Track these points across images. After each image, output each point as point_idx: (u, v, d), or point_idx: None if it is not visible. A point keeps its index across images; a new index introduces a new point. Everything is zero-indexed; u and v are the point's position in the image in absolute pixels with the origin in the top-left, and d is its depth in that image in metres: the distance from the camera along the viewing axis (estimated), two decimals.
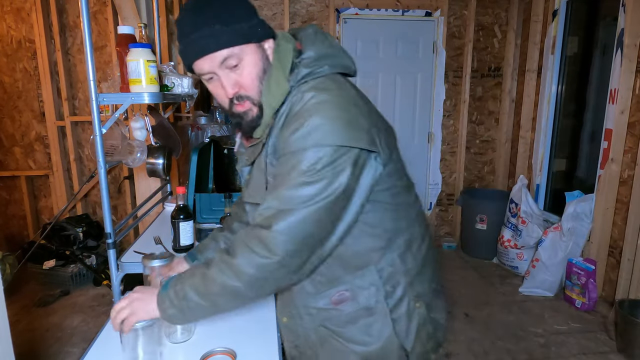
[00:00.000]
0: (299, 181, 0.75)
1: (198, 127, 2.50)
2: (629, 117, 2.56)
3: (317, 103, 0.77)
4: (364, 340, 0.91)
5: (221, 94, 0.84)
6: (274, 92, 0.82)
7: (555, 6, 3.20)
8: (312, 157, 0.74)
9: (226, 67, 0.80)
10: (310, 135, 0.75)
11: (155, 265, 1.10)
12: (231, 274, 0.78)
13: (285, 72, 0.83)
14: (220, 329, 1.12)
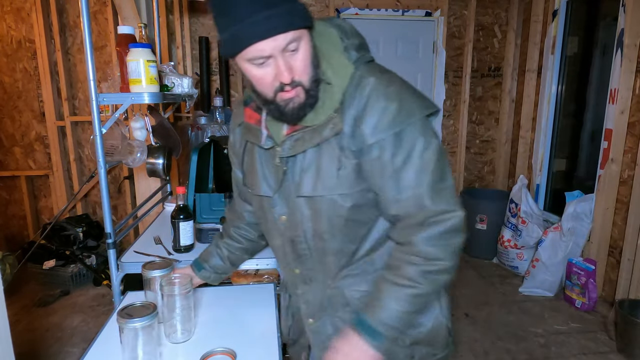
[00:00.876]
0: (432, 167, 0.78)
1: (198, 127, 2.50)
2: (629, 117, 2.56)
3: (394, 83, 0.80)
4: (418, 324, 0.91)
5: (268, 80, 0.76)
6: (342, 73, 0.80)
7: (555, 6, 3.20)
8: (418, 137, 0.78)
9: (287, 51, 0.74)
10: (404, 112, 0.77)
11: (155, 276, 1.10)
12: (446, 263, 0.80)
13: (341, 51, 0.82)
14: (220, 329, 1.12)
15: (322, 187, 0.83)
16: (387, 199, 0.81)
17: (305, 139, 0.83)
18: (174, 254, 1.49)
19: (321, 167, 0.83)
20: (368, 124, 0.78)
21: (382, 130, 0.77)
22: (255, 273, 1.98)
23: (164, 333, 1.06)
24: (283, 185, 0.89)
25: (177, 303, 1.03)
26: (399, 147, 0.78)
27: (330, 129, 0.80)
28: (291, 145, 0.84)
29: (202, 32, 3.31)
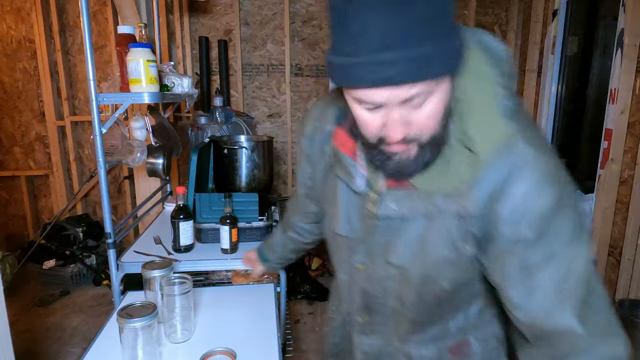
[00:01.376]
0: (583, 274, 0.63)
1: (198, 127, 2.50)
2: (629, 117, 2.56)
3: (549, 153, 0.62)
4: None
5: (374, 126, 0.59)
6: (490, 136, 0.59)
7: (555, 6, 3.19)
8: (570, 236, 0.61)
9: (408, 105, 0.56)
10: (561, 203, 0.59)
11: (155, 276, 1.10)
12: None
13: (499, 107, 0.60)
14: (220, 329, 1.12)
15: (422, 264, 0.69)
16: (511, 302, 0.65)
17: (415, 202, 0.66)
18: (174, 254, 1.49)
19: (427, 242, 0.67)
20: (507, 207, 0.59)
21: (526, 222, 0.59)
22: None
23: (164, 333, 1.06)
24: (369, 238, 0.74)
25: (176, 303, 1.03)
26: (540, 241, 0.59)
27: (453, 207, 0.62)
28: (397, 204, 0.67)
29: (202, 32, 3.31)
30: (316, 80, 3.49)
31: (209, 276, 2.12)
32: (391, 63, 0.50)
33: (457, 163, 0.61)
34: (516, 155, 0.59)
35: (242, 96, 3.41)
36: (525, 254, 0.60)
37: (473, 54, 0.61)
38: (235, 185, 1.86)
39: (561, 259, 0.60)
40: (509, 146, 0.59)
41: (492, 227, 0.61)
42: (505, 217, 0.60)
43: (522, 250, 0.60)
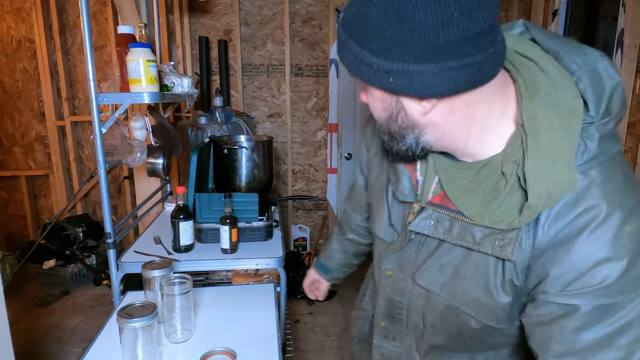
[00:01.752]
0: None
1: (198, 127, 2.50)
2: (629, 117, 2.56)
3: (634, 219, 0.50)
4: None
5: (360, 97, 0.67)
6: (553, 185, 0.51)
7: (555, 6, 3.20)
8: None
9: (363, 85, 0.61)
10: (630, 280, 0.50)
11: (155, 275, 1.09)
12: None
13: (574, 143, 0.51)
14: (220, 329, 1.12)
15: (451, 295, 0.65)
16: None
17: (452, 231, 0.62)
18: (174, 254, 1.49)
19: (460, 275, 0.63)
20: (559, 270, 0.52)
21: (583, 292, 0.51)
22: (255, 273, 1.98)
23: (164, 333, 1.06)
24: (403, 250, 0.71)
25: (176, 303, 1.03)
26: (598, 323, 0.51)
27: (493, 246, 0.57)
28: (432, 224, 0.64)
29: (202, 32, 3.31)
30: (316, 80, 3.49)
31: (209, 276, 2.12)
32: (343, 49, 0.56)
33: (508, 200, 0.55)
34: (589, 215, 0.50)
35: (242, 96, 3.41)
36: (576, 333, 0.52)
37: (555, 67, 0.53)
38: (235, 185, 1.86)
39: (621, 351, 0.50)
40: (579, 194, 0.51)
41: (536, 286, 0.55)
42: (555, 283, 0.53)
43: (571, 328, 0.52)
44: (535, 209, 0.52)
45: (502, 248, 0.56)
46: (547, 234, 0.53)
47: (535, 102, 0.53)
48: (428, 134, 0.59)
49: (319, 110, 3.54)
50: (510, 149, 0.55)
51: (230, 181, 1.87)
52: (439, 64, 0.49)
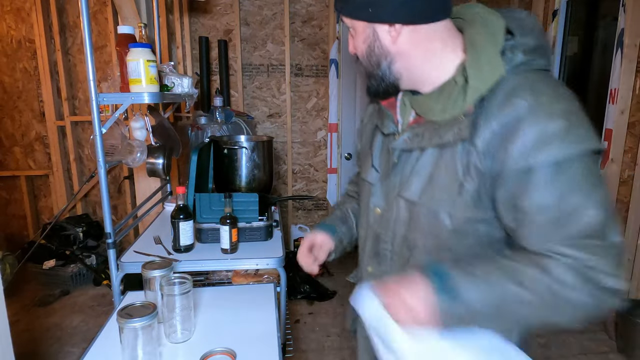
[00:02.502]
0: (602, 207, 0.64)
1: (198, 127, 2.50)
2: (629, 117, 2.56)
3: (563, 101, 0.66)
4: None
5: (350, 46, 0.85)
6: (486, 73, 0.69)
7: (555, 6, 3.19)
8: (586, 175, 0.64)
9: (352, 31, 0.81)
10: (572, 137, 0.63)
11: (155, 275, 1.09)
12: (562, 310, 0.65)
13: (497, 48, 0.70)
14: (220, 329, 1.12)
15: (429, 197, 0.75)
16: (520, 237, 0.69)
17: (424, 136, 0.76)
18: (174, 254, 1.49)
19: (435, 176, 0.74)
20: (518, 145, 0.64)
21: (538, 153, 0.63)
22: (255, 273, 1.98)
23: (164, 333, 1.06)
24: (389, 177, 0.84)
25: (176, 303, 1.03)
26: (555, 180, 0.63)
27: (454, 133, 0.70)
28: (409, 138, 0.79)
29: (202, 32, 3.31)
30: (316, 80, 3.49)
31: (209, 276, 2.12)
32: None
33: (459, 96, 0.71)
34: (526, 101, 0.65)
35: (242, 96, 3.41)
36: (539, 194, 0.64)
37: (494, 15, 0.74)
38: (235, 185, 1.86)
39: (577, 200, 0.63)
40: (514, 89, 0.67)
41: (502, 165, 0.67)
42: (516, 156, 0.65)
43: (534, 189, 0.64)
44: (475, 89, 0.69)
45: (461, 131, 0.70)
46: (497, 117, 0.67)
47: (474, 29, 0.74)
48: (397, 63, 0.77)
49: (319, 110, 3.54)
50: (460, 67, 0.74)
51: (230, 181, 1.87)
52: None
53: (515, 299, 0.65)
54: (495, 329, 0.71)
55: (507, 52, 0.70)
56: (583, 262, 0.63)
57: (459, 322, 0.67)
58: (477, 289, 0.66)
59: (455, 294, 0.65)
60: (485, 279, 0.66)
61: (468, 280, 0.66)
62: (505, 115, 0.66)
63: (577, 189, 0.63)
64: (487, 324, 0.69)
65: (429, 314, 0.65)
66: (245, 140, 1.95)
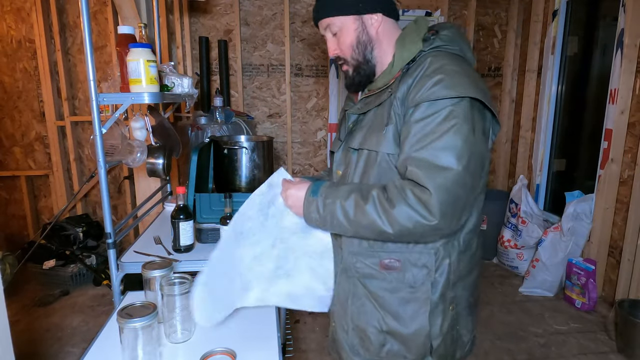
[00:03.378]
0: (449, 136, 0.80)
1: (198, 127, 2.50)
2: (629, 117, 2.56)
3: (453, 64, 0.86)
4: (398, 313, 0.93)
5: (329, 49, 1.01)
6: (409, 47, 0.93)
7: (555, 6, 3.19)
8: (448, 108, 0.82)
9: (330, 32, 0.97)
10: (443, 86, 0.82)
11: (155, 276, 1.09)
12: (385, 220, 0.82)
13: (420, 35, 0.94)
14: (220, 329, 1.12)
15: (364, 142, 0.94)
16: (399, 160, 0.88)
17: (370, 101, 0.97)
18: (174, 254, 1.49)
19: (371, 126, 0.94)
20: (414, 91, 0.85)
21: (422, 96, 0.83)
22: None
23: (164, 333, 1.06)
24: (346, 140, 1.02)
25: (176, 303, 1.03)
26: (426, 112, 0.83)
27: (388, 93, 0.92)
28: (360, 106, 1.00)
29: (202, 32, 3.31)
30: (316, 80, 3.49)
31: None
32: (314, 7, 0.99)
33: (393, 70, 0.94)
34: (427, 62, 0.87)
35: (242, 96, 3.42)
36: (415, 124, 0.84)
37: (422, 19, 0.98)
38: (235, 185, 1.86)
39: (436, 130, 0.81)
40: (424, 57, 0.89)
41: (406, 107, 0.87)
42: (411, 99, 0.86)
43: (413, 120, 0.84)
44: (400, 59, 0.93)
45: (391, 90, 0.91)
46: (411, 76, 0.89)
47: (407, 27, 0.98)
48: (376, 48, 0.97)
49: (319, 110, 3.54)
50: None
51: (230, 181, 1.86)
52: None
53: (354, 202, 0.86)
54: (343, 234, 0.95)
55: (430, 39, 0.93)
56: (409, 176, 0.82)
57: (317, 215, 0.92)
58: (332, 192, 0.91)
59: (318, 193, 0.92)
60: (342, 188, 0.90)
61: (330, 188, 0.92)
62: (416, 73, 0.88)
63: (436, 122, 0.82)
64: (335, 225, 0.91)
65: (298, 203, 0.95)
66: (245, 140, 1.95)
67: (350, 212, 0.87)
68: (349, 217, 0.87)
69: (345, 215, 0.87)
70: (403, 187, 0.82)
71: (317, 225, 0.95)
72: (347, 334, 1.00)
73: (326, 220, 0.91)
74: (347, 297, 0.99)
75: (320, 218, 0.92)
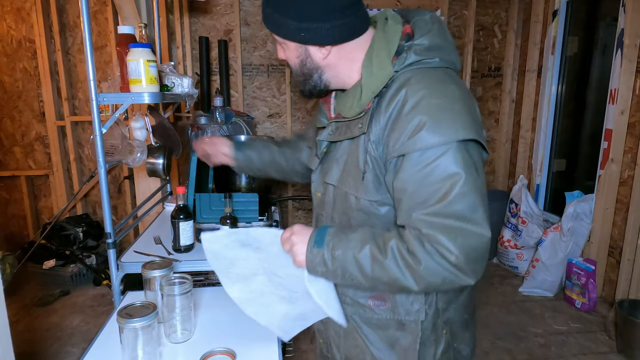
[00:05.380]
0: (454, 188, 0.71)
1: (198, 127, 2.49)
2: (629, 117, 2.56)
3: (438, 97, 0.74)
4: (385, 350, 0.90)
5: (279, 54, 0.93)
6: (377, 75, 0.81)
7: (555, 6, 3.19)
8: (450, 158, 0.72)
9: (279, 42, 0.88)
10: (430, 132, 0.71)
11: (155, 276, 1.09)
12: (410, 277, 0.74)
13: (391, 55, 0.81)
14: (220, 329, 1.12)
15: (342, 182, 0.88)
16: (397, 216, 0.79)
17: (341, 129, 0.88)
18: (174, 254, 1.49)
19: (347, 163, 0.87)
20: (396, 135, 0.75)
21: (409, 142, 0.73)
22: None
23: (164, 333, 1.06)
24: (322, 165, 0.96)
25: (177, 303, 1.03)
26: (418, 165, 0.73)
27: (358, 128, 0.83)
28: (332, 131, 0.91)
29: (202, 32, 3.31)
30: None
31: (209, 276, 2.11)
32: (264, 10, 0.84)
33: (357, 91, 0.84)
34: (404, 96, 0.76)
35: (242, 96, 3.42)
36: (408, 178, 0.75)
37: (394, 19, 0.85)
38: (235, 185, 1.86)
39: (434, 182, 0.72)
40: (400, 86, 0.78)
41: (386, 154, 0.78)
42: (391, 147, 0.76)
43: (406, 175, 0.75)
44: (368, 88, 0.81)
45: (362, 126, 0.82)
46: (386, 114, 0.78)
47: (376, 35, 0.84)
48: (327, 73, 0.88)
49: None
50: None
51: (230, 181, 1.86)
52: (332, 22, 0.79)
53: (370, 256, 0.76)
54: (356, 287, 0.86)
55: (403, 53, 0.80)
56: (429, 237, 0.71)
57: (323, 268, 0.80)
58: (341, 242, 0.79)
59: (324, 243, 0.80)
60: (352, 237, 0.79)
61: (338, 236, 0.80)
62: (389, 111, 0.77)
63: (438, 171, 0.72)
64: (347, 279, 0.80)
65: (302, 254, 0.82)
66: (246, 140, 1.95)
67: (366, 268, 0.76)
68: (365, 273, 0.77)
69: (360, 270, 0.77)
70: (426, 243, 0.72)
71: (322, 277, 0.84)
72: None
73: (336, 274, 0.79)
74: (339, 330, 0.95)
75: (329, 272, 0.80)
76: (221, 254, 0.92)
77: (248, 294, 0.96)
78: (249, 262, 0.93)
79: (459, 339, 0.92)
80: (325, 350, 1.04)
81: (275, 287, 0.94)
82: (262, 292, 0.96)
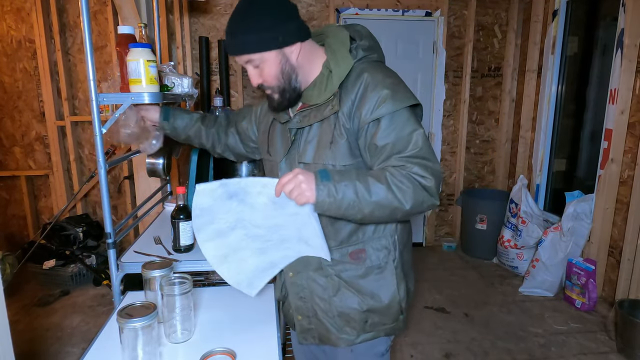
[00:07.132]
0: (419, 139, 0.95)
1: None
2: (629, 117, 2.56)
3: (389, 77, 1.00)
4: (373, 292, 1.09)
5: (252, 78, 1.05)
6: (342, 65, 1.02)
7: (555, 6, 3.20)
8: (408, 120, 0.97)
9: (251, 65, 1.01)
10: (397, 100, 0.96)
11: (155, 276, 1.09)
12: (402, 198, 0.91)
13: (347, 48, 1.04)
14: (220, 329, 1.12)
15: (318, 157, 1.03)
16: (374, 165, 0.99)
17: (310, 115, 1.04)
18: (174, 254, 1.49)
19: (320, 140, 1.04)
20: (367, 106, 0.97)
21: (379, 109, 0.96)
22: None
23: (164, 333, 1.06)
24: (290, 152, 1.09)
25: (177, 303, 1.03)
26: (392, 125, 0.96)
27: (330, 109, 1.01)
28: (299, 119, 1.06)
29: (202, 32, 3.31)
30: None
31: (209, 276, 2.12)
32: (230, 42, 1.00)
33: (328, 83, 1.03)
34: (366, 78, 0.99)
35: (242, 96, 3.41)
36: (384, 135, 0.96)
37: (340, 30, 1.08)
38: None
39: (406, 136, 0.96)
40: (359, 72, 1.01)
41: (359, 123, 0.99)
42: (365, 115, 0.97)
43: (382, 133, 0.96)
44: (337, 76, 1.02)
45: (333, 106, 1.01)
46: (352, 93, 1.00)
47: (331, 40, 1.07)
48: (300, 74, 1.04)
49: None
50: (324, 64, 1.06)
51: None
52: (293, 22, 1.00)
53: (371, 183, 0.91)
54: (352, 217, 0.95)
55: (353, 51, 1.05)
56: (410, 170, 0.93)
57: (331, 199, 0.91)
58: (344, 176, 0.93)
59: (330, 177, 0.92)
60: (352, 172, 0.95)
61: (340, 173, 0.94)
62: (355, 91, 1.00)
63: (405, 128, 0.96)
64: (350, 208, 0.92)
65: (311, 189, 0.90)
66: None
67: (368, 194, 0.91)
68: (366, 199, 0.91)
69: (363, 197, 0.91)
70: (409, 174, 0.93)
71: (326, 210, 0.93)
72: (334, 319, 1.12)
73: (342, 203, 0.91)
74: (325, 291, 1.11)
75: (335, 202, 0.91)
76: (206, 209, 0.97)
77: (222, 249, 1.04)
78: (228, 216, 0.99)
79: (409, 278, 1.17)
80: (307, 323, 1.16)
81: (251, 239, 1.03)
82: (236, 248, 1.04)
